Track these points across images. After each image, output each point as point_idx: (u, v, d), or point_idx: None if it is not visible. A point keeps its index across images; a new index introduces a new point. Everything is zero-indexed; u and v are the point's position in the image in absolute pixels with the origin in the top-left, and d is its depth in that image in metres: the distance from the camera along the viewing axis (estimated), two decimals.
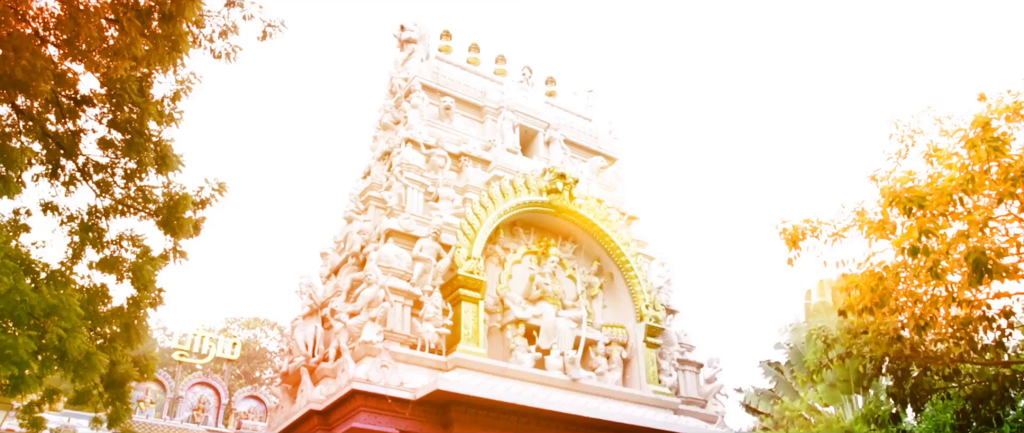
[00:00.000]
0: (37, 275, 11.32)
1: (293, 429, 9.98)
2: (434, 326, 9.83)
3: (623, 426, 9.97)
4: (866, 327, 10.30)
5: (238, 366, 38.42)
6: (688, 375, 11.76)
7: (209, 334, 26.83)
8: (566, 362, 10.42)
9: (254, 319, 46.63)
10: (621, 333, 11.41)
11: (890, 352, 10.08)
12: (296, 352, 10.38)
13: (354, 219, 11.68)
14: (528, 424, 9.53)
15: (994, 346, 10.22)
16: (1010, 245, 9.49)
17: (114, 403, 13.95)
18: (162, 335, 39.75)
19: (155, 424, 21.82)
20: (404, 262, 10.26)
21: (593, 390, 10.42)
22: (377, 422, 8.73)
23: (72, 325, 11.15)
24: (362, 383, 8.70)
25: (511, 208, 11.08)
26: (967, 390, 10.80)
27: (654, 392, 10.93)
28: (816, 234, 10.55)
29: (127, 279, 12.88)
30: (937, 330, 10.32)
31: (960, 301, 9.91)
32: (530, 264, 11.35)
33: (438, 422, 9.14)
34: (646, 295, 11.51)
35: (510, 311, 10.72)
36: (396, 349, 9.39)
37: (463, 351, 9.67)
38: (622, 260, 11.72)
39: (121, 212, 12.69)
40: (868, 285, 9.90)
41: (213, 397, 25.00)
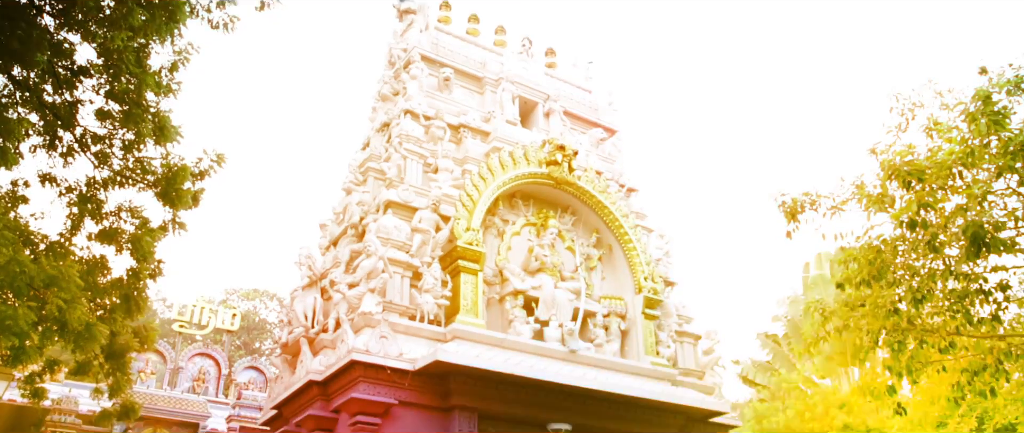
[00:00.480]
0: (36, 246, 11.34)
1: (293, 399, 10.05)
2: (433, 297, 9.87)
3: (621, 397, 10.04)
4: (863, 300, 10.33)
5: (238, 337, 38.61)
6: (686, 347, 11.82)
7: (209, 305, 26.92)
8: (564, 333, 10.47)
9: (253, 290, 46.79)
10: (619, 305, 11.46)
11: (887, 325, 10.11)
12: (295, 323, 10.42)
13: (353, 190, 11.67)
14: (526, 395, 9.59)
15: (990, 319, 10.26)
16: (1008, 219, 9.50)
17: (115, 374, 14.05)
18: (162, 306, 39.89)
19: (156, 394, 21.98)
20: (403, 233, 10.28)
21: (591, 361, 10.49)
22: (376, 392, 8.79)
23: (72, 296, 11.20)
24: (361, 354, 8.75)
25: (510, 180, 11.07)
26: (963, 363, 10.85)
27: (652, 363, 11.00)
28: (815, 207, 10.56)
29: (126, 250, 12.92)
30: (934, 303, 10.36)
31: (957, 274, 9.94)
32: (529, 236, 11.37)
33: (437, 392, 9.20)
34: (645, 267, 11.54)
35: (509, 282, 10.75)
36: (395, 320, 9.43)
37: (462, 322, 9.71)
38: (621, 232, 11.74)
39: (119, 183, 12.69)
40: (866, 258, 9.93)
41: (213, 368, 25.15)
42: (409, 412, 9.01)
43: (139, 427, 20.60)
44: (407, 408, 9.00)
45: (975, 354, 10.68)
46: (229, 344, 28.32)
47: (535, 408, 9.71)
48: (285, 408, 10.39)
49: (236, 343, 39.28)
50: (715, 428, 11.43)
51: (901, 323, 10.09)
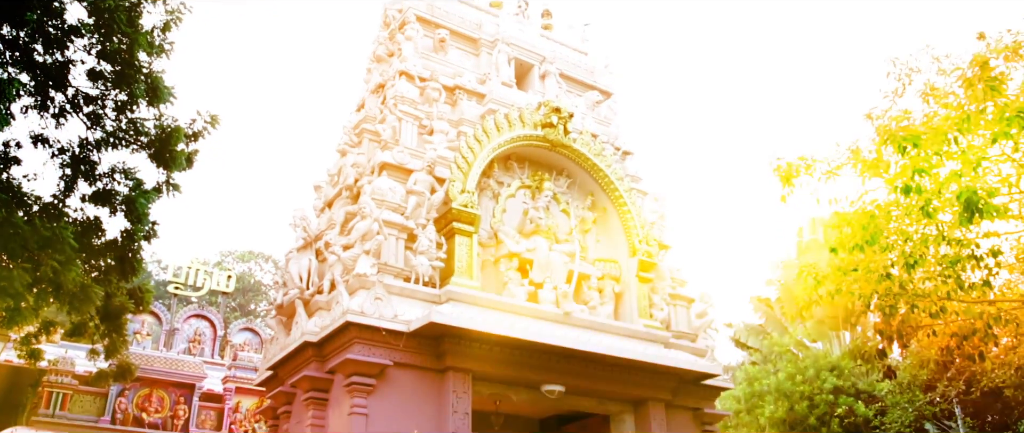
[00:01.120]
0: (30, 208, 11.31)
1: (288, 360, 10.11)
2: (428, 259, 9.89)
3: (614, 359, 10.12)
4: (856, 264, 10.40)
5: (233, 299, 38.75)
6: (679, 310, 11.90)
7: (204, 267, 26.93)
8: (559, 296, 10.53)
9: (248, 252, 46.85)
10: (614, 268, 11.50)
11: (879, 289, 10.19)
12: (290, 284, 10.45)
13: (348, 152, 11.63)
14: (521, 356, 9.67)
15: (981, 285, 10.34)
16: (1002, 185, 9.53)
17: (110, 335, 14.10)
18: (157, 268, 39.95)
19: (152, 355, 22.05)
20: (398, 195, 10.27)
21: (585, 323, 10.55)
22: (371, 353, 8.84)
23: (66, 258, 11.22)
24: (356, 315, 8.78)
25: (506, 142, 11.04)
26: (952, 327, 10.97)
27: (645, 326, 11.07)
28: (810, 171, 10.57)
29: (120, 212, 12.89)
30: (926, 268, 10.43)
31: (950, 240, 9.99)
32: (524, 198, 11.37)
33: (432, 354, 9.26)
34: (639, 230, 11.56)
35: (504, 245, 10.77)
36: (390, 282, 9.46)
37: (457, 284, 9.75)
38: (616, 195, 11.74)
39: (113, 145, 12.63)
40: (860, 223, 9.96)
41: (209, 329, 25.23)
42: (404, 373, 9.08)
43: (135, 387, 20.72)
44: (402, 369, 9.07)
45: (965, 319, 10.79)
46: (224, 306, 28.41)
47: (529, 370, 9.79)
48: (280, 369, 10.45)
49: (231, 305, 39.42)
50: (707, 390, 11.55)
51: (893, 288, 10.16)
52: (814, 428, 18.75)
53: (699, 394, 11.44)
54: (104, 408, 20.30)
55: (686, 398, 11.23)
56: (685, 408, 11.27)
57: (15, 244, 10.20)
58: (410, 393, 9.04)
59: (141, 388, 20.86)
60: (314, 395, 9.35)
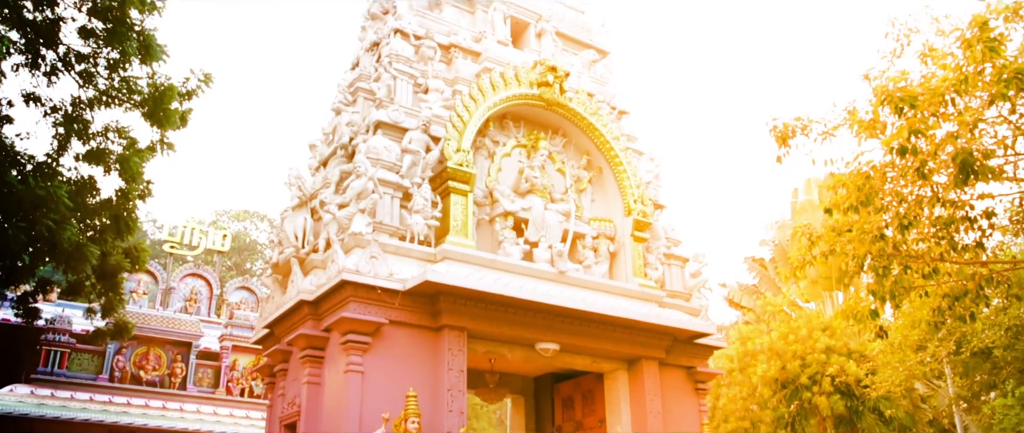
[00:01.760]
0: (23, 167, 11.27)
1: (284, 318, 10.17)
2: (423, 218, 9.89)
3: (609, 318, 10.19)
4: (850, 225, 10.41)
5: (229, 258, 38.81)
6: (674, 269, 11.95)
7: (199, 226, 26.89)
8: (554, 255, 10.56)
9: (243, 211, 46.80)
10: (609, 227, 11.53)
11: (872, 250, 10.21)
12: (286, 243, 10.46)
13: (343, 111, 11.57)
14: (516, 315, 9.73)
15: (974, 246, 10.37)
16: (998, 147, 9.52)
17: (107, 294, 14.17)
18: (152, 227, 39.93)
19: (148, 314, 22.13)
20: (393, 154, 10.24)
21: (580, 282, 10.61)
22: (367, 312, 8.89)
23: (61, 217, 11.21)
24: (352, 274, 8.81)
25: (501, 101, 10.98)
26: (945, 288, 11.02)
27: (640, 285, 11.14)
28: (806, 132, 10.54)
29: (114, 171, 12.86)
30: (920, 230, 10.45)
31: (944, 202, 10.01)
32: (519, 157, 11.35)
33: (427, 312, 9.31)
34: (634, 190, 11.57)
35: (499, 204, 10.78)
36: (385, 240, 9.47)
37: (452, 243, 9.77)
38: (611, 154, 11.73)
39: (105, 103, 12.54)
40: (855, 184, 9.96)
41: (205, 288, 25.28)
42: (399, 331, 9.14)
43: (133, 346, 20.84)
44: (397, 327, 9.13)
45: (957, 280, 10.84)
46: (220, 265, 28.45)
47: (524, 328, 9.86)
48: (277, 327, 10.51)
49: (227, 264, 39.49)
50: (700, 349, 11.66)
51: (886, 249, 10.19)
52: (806, 386, 18.99)
53: (692, 353, 11.55)
54: (102, 366, 20.44)
55: (680, 356, 11.34)
56: (678, 366, 11.39)
57: (9, 203, 10.18)
58: (406, 351, 9.11)
59: (138, 346, 20.98)
60: (310, 353, 9.42)
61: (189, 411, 20.61)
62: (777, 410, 19.68)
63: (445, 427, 8.83)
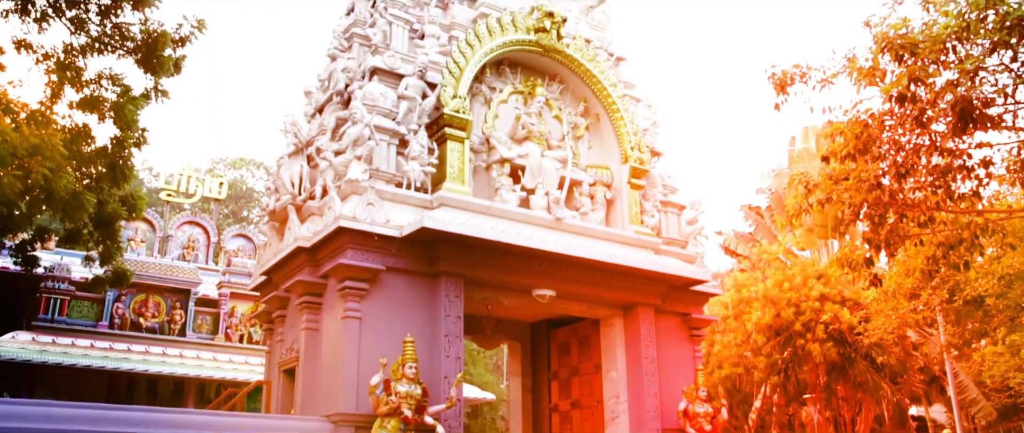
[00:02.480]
0: (16, 115, 11.20)
1: (281, 265, 10.20)
2: (420, 165, 9.87)
3: (605, 265, 10.24)
4: (847, 174, 10.40)
5: (226, 205, 38.81)
6: (670, 216, 11.98)
7: (195, 174, 26.85)
8: (550, 201, 10.57)
9: (240, 159, 46.66)
10: (605, 174, 11.52)
11: (869, 199, 10.22)
12: (282, 190, 10.45)
13: (338, 57, 11.46)
14: (512, 262, 9.77)
15: (970, 195, 10.39)
16: (998, 95, 9.46)
17: (105, 242, 14.20)
18: (148, 175, 39.84)
19: (146, 261, 22.22)
20: (389, 100, 10.17)
21: (577, 229, 10.64)
22: (364, 258, 8.92)
23: (56, 165, 11.18)
24: (349, 221, 8.82)
25: (498, 47, 10.88)
26: (940, 237, 11.06)
27: (636, 232, 11.17)
28: (805, 80, 10.46)
29: (109, 119, 12.78)
30: (917, 178, 10.45)
31: (942, 150, 9.98)
32: (516, 104, 11.29)
33: (424, 259, 9.35)
34: (631, 137, 11.54)
35: (496, 150, 10.75)
36: (382, 187, 9.46)
37: (448, 190, 9.76)
38: (609, 101, 11.67)
39: (98, 50, 12.41)
40: (853, 132, 9.93)
41: (202, 236, 25.34)
42: (397, 278, 9.19)
43: (132, 293, 20.95)
44: (395, 274, 9.17)
45: (953, 229, 10.88)
46: (217, 212, 28.48)
47: (520, 274, 9.92)
48: (274, 274, 10.56)
49: (224, 211, 39.51)
50: (696, 296, 11.75)
51: (883, 197, 10.20)
52: (799, 333, 19.18)
53: (688, 299, 11.65)
54: (102, 313, 20.58)
55: (675, 303, 11.43)
56: (674, 313, 11.49)
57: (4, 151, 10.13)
58: (403, 297, 9.17)
59: (137, 294, 21.10)
60: (308, 299, 9.48)
61: (189, 357, 20.83)
62: (771, 357, 19.92)
63: (442, 372, 8.93)
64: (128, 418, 7.51)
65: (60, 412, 7.21)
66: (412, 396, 8.17)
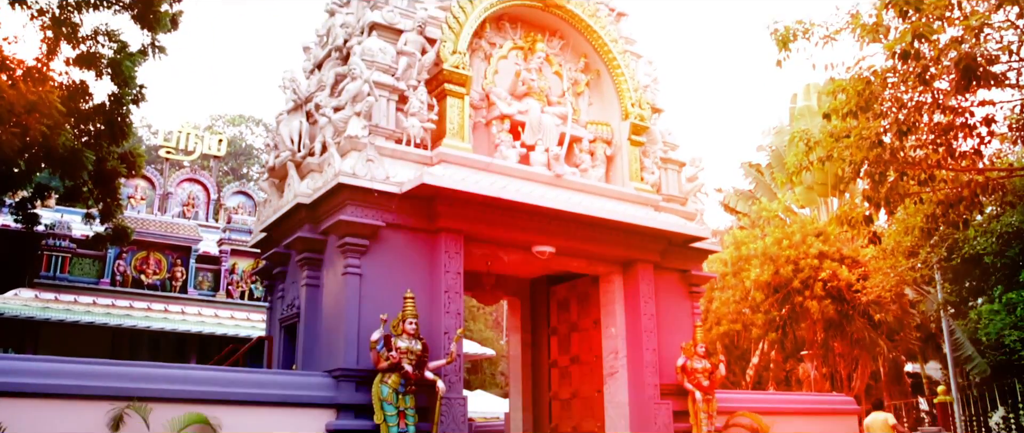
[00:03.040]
0: (13, 72, 11.12)
1: (282, 222, 10.21)
2: (419, 121, 9.82)
3: (605, 221, 10.26)
4: (849, 131, 10.39)
5: (225, 163, 38.74)
6: (670, 173, 11.96)
7: (195, 131, 26.78)
8: (550, 158, 10.55)
9: (239, 116, 46.50)
10: (606, 130, 11.48)
11: (870, 156, 10.21)
12: (281, 147, 10.41)
13: (336, 12, 11.33)
14: (512, 218, 9.78)
15: (971, 153, 10.38)
16: (1003, 52, 9.41)
17: (105, 199, 14.22)
18: (147, 133, 39.72)
19: (147, 219, 22.25)
20: (388, 56, 10.09)
21: (576, 186, 10.63)
22: (364, 215, 8.92)
23: (54, 122, 11.14)
24: (348, 177, 8.80)
25: (498, 1, 10.74)
26: (940, 195, 11.07)
27: (636, 189, 11.17)
28: (807, 36, 10.40)
29: (106, 75, 12.71)
30: (918, 136, 10.44)
31: (944, 108, 9.95)
32: (516, 59, 11.20)
33: (424, 215, 9.35)
34: (632, 93, 11.47)
35: (495, 107, 10.69)
36: (381, 144, 9.42)
37: (448, 146, 9.73)
38: (609, 57, 11.58)
39: (94, 6, 12.29)
40: (855, 89, 9.89)
41: (202, 193, 25.35)
42: (397, 234, 9.20)
43: (133, 250, 21.02)
44: (394, 230, 9.18)
45: (953, 187, 10.89)
46: (217, 170, 28.44)
47: (520, 231, 9.93)
48: (274, 231, 10.57)
49: (224, 169, 39.46)
50: (695, 252, 11.79)
51: (884, 155, 10.19)
52: (798, 291, 19.29)
53: (687, 256, 11.68)
54: (103, 271, 20.67)
55: (674, 260, 11.48)
56: (673, 270, 11.54)
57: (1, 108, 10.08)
58: (403, 253, 9.19)
59: (138, 251, 21.17)
60: (308, 256, 9.50)
61: (190, 314, 20.97)
62: (769, 313, 20.06)
63: (442, 328, 8.99)
64: (131, 373, 7.57)
65: (64, 367, 7.27)
66: (412, 351, 8.24)
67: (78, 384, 7.10)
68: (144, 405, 7.07)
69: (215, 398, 7.69)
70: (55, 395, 6.94)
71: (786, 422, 12.15)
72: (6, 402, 6.65)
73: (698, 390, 10.53)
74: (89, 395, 7.08)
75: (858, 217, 11.63)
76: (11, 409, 6.58)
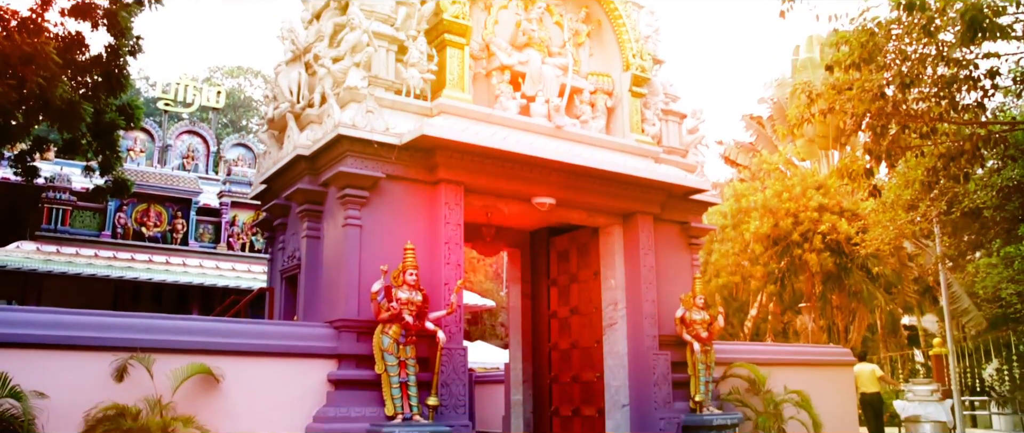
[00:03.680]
0: (8, 23, 11.01)
1: (282, 174, 10.19)
2: (419, 72, 9.75)
3: (605, 173, 10.24)
4: (851, 83, 10.32)
5: (224, 115, 38.59)
6: (671, 125, 11.91)
7: (193, 83, 26.59)
8: (551, 109, 10.49)
9: (237, 67, 46.19)
10: (606, 82, 11.40)
11: (872, 109, 10.16)
12: (280, 98, 10.35)
13: None
14: (512, 169, 9.76)
15: (974, 106, 10.32)
16: (1010, 3, 9.29)
17: (104, 152, 14.19)
18: (145, 85, 39.47)
19: (146, 171, 22.24)
20: (387, 6, 9.96)
21: (577, 137, 10.59)
22: (364, 166, 8.90)
23: (51, 74, 11.06)
24: (348, 128, 8.76)
25: None
26: (941, 148, 11.04)
27: (637, 141, 11.13)
28: None
29: (102, 27, 12.58)
30: (921, 89, 10.36)
31: (949, 60, 9.87)
32: (516, 9, 11.07)
33: (424, 167, 9.33)
34: (633, 44, 11.37)
35: (495, 57, 10.61)
36: (381, 95, 9.37)
37: (448, 97, 9.67)
38: (610, 7, 11.45)
39: None
40: (858, 40, 9.79)
41: (201, 145, 25.28)
42: (397, 185, 9.19)
43: (133, 203, 21.04)
44: (394, 181, 9.17)
45: (955, 140, 10.85)
46: (216, 122, 28.32)
47: (521, 182, 9.92)
48: (274, 183, 10.56)
49: (223, 121, 39.31)
50: (695, 204, 11.80)
51: (886, 107, 10.14)
52: (797, 243, 19.37)
53: (687, 208, 11.69)
54: (104, 223, 20.72)
55: (674, 212, 11.49)
56: (673, 222, 11.56)
57: None
58: (403, 205, 9.20)
59: (139, 203, 21.20)
60: (308, 207, 9.51)
61: (191, 266, 21.07)
62: (768, 266, 20.17)
63: (442, 279, 9.04)
64: (134, 324, 7.63)
65: (68, 319, 7.32)
66: (413, 302, 8.29)
67: (82, 335, 7.15)
68: (147, 356, 7.14)
69: (218, 349, 7.76)
70: (59, 346, 7.00)
71: (784, 373, 12.29)
72: (11, 353, 6.71)
73: (697, 341, 10.62)
74: (93, 346, 7.13)
75: (859, 170, 11.62)
76: (16, 360, 6.64)
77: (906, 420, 13.94)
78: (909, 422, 13.86)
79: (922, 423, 13.70)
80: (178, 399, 7.19)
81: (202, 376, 7.45)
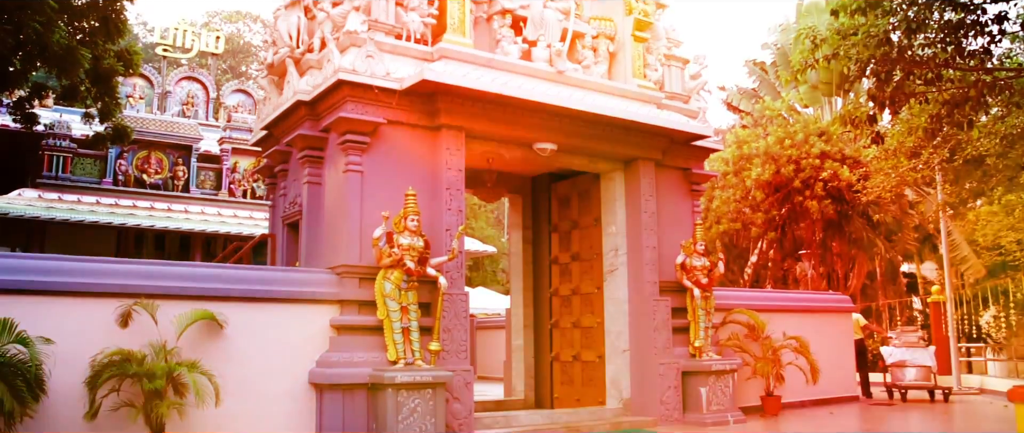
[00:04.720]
0: None
1: (282, 119, 10.15)
2: (419, 16, 9.63)
3: (607, 118, 10.18)
4: (856, 28, 10.20)
5: (223, 61, 38.26)
6: (673, 71, 11.81)
7: (191, 28, 26.30)
8: (552, 54, 10.39)
9: (236, 12, 45.66)
10: (609, 26, 11.27)
11: (876, 54, 10.07)
12: (280, 43, 10.24)
13: None
14: (514, 115, 9.71)
15: (980, 52, 10.21)
16: None
17: (103, 98, 14.11)
18: (143, 30, 39.06)
19: (146, 118, 22.14)
20: None
21: (579, 82, 10.51)
22: (364, 112, 8.85)
23: (47, 19, 10.93)
24: (348, 73, 8.69)
25: None
26: (946, 95, 10.96)
27: (639, 86, 11.05)
28: None
29: None
30: (927, 34, 10.25)
31: (956, 5, 9.73)
32: None
33: (425, 112, 9.28)
34: None
35: (497, 1, 10.46)
36: (381, 39, 9.27)
37: (449, 42, 9.57)
38: None
39: None
40: None
41: (201, 91, 25.12)
42: (397, 131, 9.15)
43: (133, 150, 21.00)
44: (395, 127, 9.13)
45: (959, 87, 10.76)
46: (215, 68, 28.09)
47: (522, 128, 9.88)
48: (275, 129, 10.52)
49: (222, 67, 39.00)
50: (697, 151, 11.76)
51: (891, 53, 10.04)
52: (798, 190, 19.34)
53: (689, 154, 11.66)
54: (105, 170, 20.71)
55: (676, 158, 11.46)
56: (675, 168, 11.53)
57: None
58: (404, 150, 9.17)
59: (139, 150, 21.16)
60: (309, 153, 9.48)
61: (193, 212, 21.12)
62: (769, 213, 20.18)
63: (444, 225, 9.06)
64: (138, 271, 7.67)
65: (71, 266, 7.36)
66: (414, 248, 8.32)
67: (86, 282, 7.20)
68: (151, 302, 7.19)
69: (221, 294, 7.81)
70: (64, 292, 7.05)
71: (783, 319, 12.40)
72: (17, 300, 6.77)
73: (697, 287, 10.69)
74: (97, 292, 7.18)
75: (862, 116, 11.56)
76: (22, 307, 6.69)
77: (892, 365, 14.22)
78: (895, 367, 14.14)
79: (908, 367, 14.01)
80: (183, 344, 7.27)
81: (206, 322, 7.52)
